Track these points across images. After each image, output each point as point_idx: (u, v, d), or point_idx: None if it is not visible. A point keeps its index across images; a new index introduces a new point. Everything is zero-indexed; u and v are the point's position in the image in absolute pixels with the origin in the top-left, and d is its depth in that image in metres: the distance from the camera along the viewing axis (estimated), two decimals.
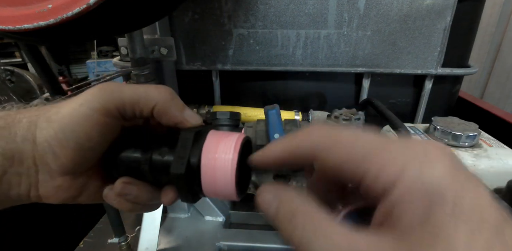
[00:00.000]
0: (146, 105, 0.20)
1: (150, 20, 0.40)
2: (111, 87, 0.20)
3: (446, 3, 0.53)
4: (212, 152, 0.20)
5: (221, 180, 0.19)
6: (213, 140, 0.20)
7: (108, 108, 0.20)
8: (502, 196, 0.37)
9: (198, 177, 0.20)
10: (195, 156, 0.20)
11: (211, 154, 0.20)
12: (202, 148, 0.20)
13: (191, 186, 0.20)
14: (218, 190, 0.20)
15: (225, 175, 0.19)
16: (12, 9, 0.26)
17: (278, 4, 0.55)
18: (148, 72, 0.51)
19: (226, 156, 0.19)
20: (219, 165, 0.19)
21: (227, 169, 0.19)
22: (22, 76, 1.95)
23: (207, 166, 0.20)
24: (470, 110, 0.80)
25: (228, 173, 0.19)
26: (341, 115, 0.48)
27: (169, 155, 0.21)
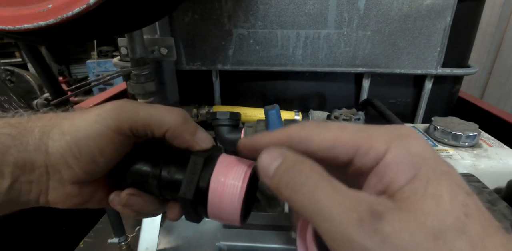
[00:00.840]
0: (158, 128, 0.21)
1: (150, 20, 0.40)
2: (127, 107, 0.21)
3: (446, 3, 0.53)
4: (221, 178, 0.20)
5: (227, 206, 0.20)
6: (223, 166, 0.21)
7: (122, 128, 0.20)
8: (502, 196, 0.37)
9: (205, 201, 0.20)
10: (204, 181, 0.20)
11: (220, 181, 0.20)
12: (212, 173, 0.20)
13: (196, 209, 0.21)
14: (223, 215, 0.20)
15: (232, 202, 0.20)
16: (12, 9, 0.26)
17: (278, 4, 0.55)
18: (148, 72, 0.51)
19: (235, 183, 0.20)
20: (227, 192, 0.20)
21: (234, 197, 0.20)
22: (22, 76, 1.96)
23: (215, 192, 0.20)
24: (470, 110, 0.80)
25: (235, 200, 0.20)
26: (341, 115, 0.48)
27: (178, 174, 0.21)
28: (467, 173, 0.41)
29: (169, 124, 0.21)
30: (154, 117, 0.21)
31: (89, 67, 2.60)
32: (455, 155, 0.46)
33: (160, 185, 0.21)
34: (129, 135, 0.21)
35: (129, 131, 0.21)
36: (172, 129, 0.21)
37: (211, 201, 0.20)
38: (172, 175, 0.21)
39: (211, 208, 0.20)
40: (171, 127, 0.21)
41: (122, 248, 0.59)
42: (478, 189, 0.37)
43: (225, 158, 0.21)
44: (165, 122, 0.21)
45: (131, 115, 0.21)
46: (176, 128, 0.21)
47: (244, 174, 0.20)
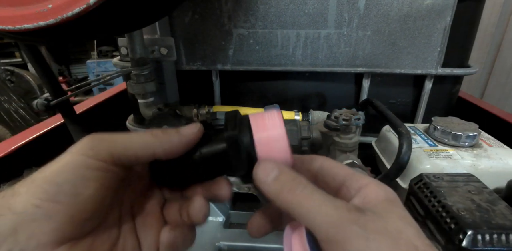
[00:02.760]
0: (144, 150, 0.20)
1: (150, 20, 0.40)
2: (101, 136, 0.19)
3: (446, 3, 0.53)
4: (259, 118, 0.21)
5: (274, 134, 0.20)
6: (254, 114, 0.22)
7: (100, 153, 0.18)
8: (502, 196, 0.37)
9: (251, 136, 0.20)
10: (244, 119, 0.21)
11: (259, 120, 0.21)
12: (248, 117, 0.22)
13: (245, 148, 0.20)
14: (273, 146, 0.20)
15: (276, 128, 0.20)
16: (12, 9, 0.26)
17: (278, 4, 0.55)
18: (148, 72, 0.51)
19: (274, 120, 0.21)
20: (269, 123, 0.21)
21: (276, 124, 0.21)
22: (22, 76, 1.96)
23: (258, 125, 0.21)
24: (470, 110, 0.80)
25: (277, 124, 0.20)
26: (341, 115, 0.48)
27: (216, 144, 0.21)
28: (467, 173, 0.41)
29: (154, 145, 0.19)
30: (136, 139, 0.19)
31: (89, 67, 2.60)
32: (455, 155, 0.46)
33: (204, 159, 0.21)
34: (111, 163, 0.18)
35: (110, 157, 0.18)
36: (160, 151, 0.20)
37: (256, 131, 0.21)
38: (211, 146, 0.21)
39: (259, 140, 0.20)
40: (157, 150, 0.19)
41: None
42: (478, 189, 0.37)
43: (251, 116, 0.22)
44: (150, 144, 0.19)
45: (109, 140, 0.19)
46: (165, 149, 0.20)
47: (277, 113, 0.21)
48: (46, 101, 0.48)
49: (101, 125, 0.79)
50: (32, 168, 0.53)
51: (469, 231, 0.30)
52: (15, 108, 1.73)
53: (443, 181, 0.38)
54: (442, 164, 0.44)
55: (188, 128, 0.21)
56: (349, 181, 0.21)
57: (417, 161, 0.45)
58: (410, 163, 0.43)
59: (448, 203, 0.34)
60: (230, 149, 0.21)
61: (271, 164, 0.20)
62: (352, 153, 0.50)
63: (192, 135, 0.21)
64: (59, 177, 0.17)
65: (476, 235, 0.30)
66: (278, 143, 0.20)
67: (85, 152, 0.18)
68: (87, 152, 0.18)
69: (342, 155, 0.49)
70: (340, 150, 0.49)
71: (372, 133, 0.64)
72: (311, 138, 0.50)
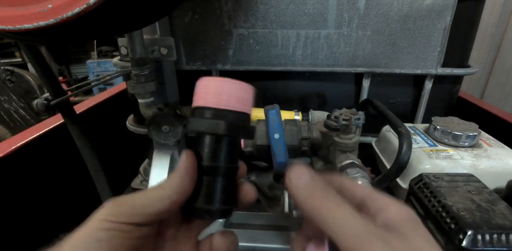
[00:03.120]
0: (161, 202, 0.21)
1: (150, 20, 0.40)
2: (115, 200, 0.21)
3: (446, 3, 0.53)
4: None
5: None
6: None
7: (120, 216, 0.20)
8: (502, 196, 0.37)
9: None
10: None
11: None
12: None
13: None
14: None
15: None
16: (12, 9, 0.26)
17: (278, 4, 0.55)
18: (148, 72, 0.51)
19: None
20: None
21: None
22: (22, 76, 1.95)
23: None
24: (470, 110, 0.80)
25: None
26: (341, 115, 0.48)
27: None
28: (467, 173, 0.41)
29: (168, 193, 0.21)
30: (150, 194, 0.21)
31: (89, 67, 2.60)
32: (455, 155, 0.46)
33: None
34: (131, 223, 0.20)
35: (129, 218, 0.20)
36: (177, 195, 0.21)
37: None
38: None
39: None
40: (162, 209, 0.21)
41: None
42: (478, 189, 0.37)
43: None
44: (164, 194, 0.21)
45: (128, 202, 0.21)
46: (167, 206, 0.21)
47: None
48: (46, 101, 0.48)
49: (101, 125, 0.79)
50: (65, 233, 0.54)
51: (469, 231, 0.30)
52: (15, 108, 1.73)
53: (443, 181, 0.38)
54: (442, 164, 0.44)
55: (181, 162, 0.22)
56: (369, 200, 0.21)
57: (417, 161, 0.45)
58: (410, 163, 0.43)
59: (448, 203, 0.34)
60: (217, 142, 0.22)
61: (304, 168, 0.21)
62: (352, 153, 0.50)
63: (189, 166, 0.22)
64: (77, 241, 0.19)
65: (476, 235, 0.30)
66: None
67: (104, 217, 0.20)
68: (106, 217, 0.20)
69: (342, 155, 0.49)
70: (340, 150, 0.49)
71: (372, 133, 0.64)
72: (311, 138, 0.50)
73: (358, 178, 0.41)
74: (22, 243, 0.59)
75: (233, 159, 0.23)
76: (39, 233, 0.62)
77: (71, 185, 0.70)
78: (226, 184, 0.23)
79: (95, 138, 0.54)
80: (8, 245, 0.56)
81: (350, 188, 0.22)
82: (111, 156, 0.77)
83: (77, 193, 0.71)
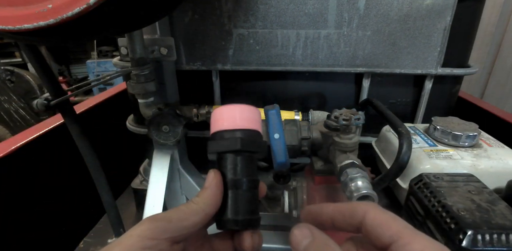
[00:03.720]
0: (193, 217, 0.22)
1: (150, 20, 0.40)
2: (157, 216, 0.22)
3: (446, 3, 0.53)
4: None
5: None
6: None
7: (157, 232, 0.21)
8: (502, 196, 0.37)
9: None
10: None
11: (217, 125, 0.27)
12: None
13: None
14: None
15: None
16: (12, 9, 0.26)
17: (278, 4, 0.55)
18: (148, 72, 0.51)
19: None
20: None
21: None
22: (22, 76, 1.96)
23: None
24: (470, 110, 0.80)
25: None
26: (341, 115, 0.48)
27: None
28: (467, 173, 0.41)
29: (201, 207, 0.23)
30: (183, 209, 0.22)
31: (89, 67, 2.60)
32: (455, 155, 0.46)
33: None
34: (168, 239, 0.21)
35: (166, 234, 0.21)
36: (210, 208, 0.23)
37: None
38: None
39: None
40: (207, 208, 0.23)
41: None
42: (478, 189, 0.37)
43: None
44: (198, 208, 0.23)
45: (164, 218, 0.22)
46: (193, 226, 0.22)
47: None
48: (46, 101, 0.48)
49: (101, 125, 0.79)
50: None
51: (469, 231, 0.30)
52: (15, 108, 1.73)
53: (443, 181, 0.38)
54: (442, 164, 0.44)
55: (208, 179, 0.24)
56: (396, 243, 0.18)
57: (417, 161, 0.45)
58: (410, 163, 0.43)
59: (448, 203, 0.34)
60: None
61: (306, 230, 0.21)
62: (352, 153, 0.50)
63: (218, 182, 0.24)
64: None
65: (476, 235, 0.30)
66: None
67: (143, 233, 0.20)
68: (145, 233, 0.20)
69: (342, 155, 0.49)
70: (340, 150, 0.49)
71: (372, 133, 0.64)
72: (311, 138, 0.50)
73: (358, 178, 0.41)
74: (22, 243, 0.59)
75: (252, 172, 0.25)
76: (39, 233, 0.62)
77: (71, 185, 0.70)
78: (249, 196, 0.25)
79: (95, 138, 0.54)
80: (8, 245, 0.56)
81: (375, 227, 0.20)
82: (111, 156, 0.77)
83: (77, 193, 0.71)
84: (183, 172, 0.64)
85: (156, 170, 0.60)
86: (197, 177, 0.67)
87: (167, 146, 0.61)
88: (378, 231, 0.19)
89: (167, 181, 0.59)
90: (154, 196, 0.58)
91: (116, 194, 0.82)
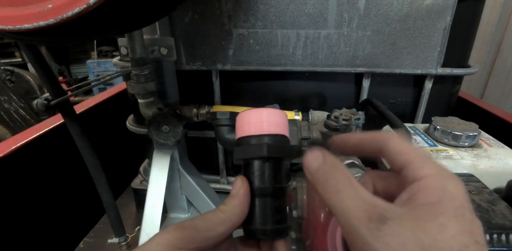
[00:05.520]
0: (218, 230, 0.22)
1: (150, 20, 0.40)
2: (183, 225, 0.22)
3: (446, 3, 0.53)
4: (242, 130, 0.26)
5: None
6: None
7: (186, 241, 0.21)
8: (502, 196, 0.37)
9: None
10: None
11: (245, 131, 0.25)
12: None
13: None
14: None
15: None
16: (12, 9, 0.26)
17: (278, 4, 0.55)
18: (148, 72, 0.51)
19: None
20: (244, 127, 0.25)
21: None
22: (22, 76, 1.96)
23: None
24: (470, 110, 0.80)
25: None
26: (341, 115, 0.48)
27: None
28: (467, 173, 0.41)
29: (229, 217, 0.22)
30: (210, 218, 0.22)
31: (89, 67, 2.60)
32: (455, 155, 0.46)
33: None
34: (196, 248, 0.21)
35: (194, 243, 0.21)
36: (236, 217, 0.22)
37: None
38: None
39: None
40: (233, 217, 0.22)
41: (122, 248, 0.59)
42: (478, 189, 0.37)
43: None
44: (225, 217, 0.22)
45: (191, 227, 0.21)
46: (224, 232, 0.22)
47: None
48: (46, 101, 0.48)
49: (101, 125, 0.79)
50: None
51: None
52: (15, 108, 1.73)
53: None
54: (442, 164, 0.44)
55: (236, 187, 0.24)
56: (406, 168, 0.18)
57: None
58: None
59: None
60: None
61: (318, 152, 0.21)
62: None
63: (245, 190, 0.23)
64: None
65: None
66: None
67: (171, 243, 0.20)
68: (173, 243, 0.20)
69: (342, 155, 0.49)
70: None
71: None
72: (311, 138, 0.50)
73: (357, 178, 0.40)
74: (22, 243, 0.59)
75: (281, 180, 0.25)
76: (39, 233, 0.62)
77: (71, 185, 0.70)
78: (277, 204, 0.24)
79: (95, 138, 0.54)
80: (8, 245, 0.56)
81: (393, 153, 0.20)
82: (111, 156, 0.77)
83: (77, 193, 0.71)
84: (183, 172, 0.64)
85: (156, 170, 0.60)
86: (197, 177, 0.67)
87: (167, 146, 0.61)
88: (395, 157, 0.20)
89: (167, 181, 0.59)
90: (154, 196, 0.58)
91: (116, 194, 0.82)
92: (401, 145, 0.20)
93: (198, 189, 0.65)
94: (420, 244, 0.15)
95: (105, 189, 0.53)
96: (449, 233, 0.15)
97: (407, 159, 0.19)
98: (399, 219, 0.16)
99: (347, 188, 0.18)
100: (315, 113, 0.59)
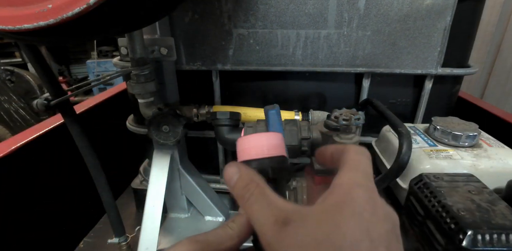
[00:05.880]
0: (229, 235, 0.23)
1: (150, 20, 0.40)
2: (195, 239, 0.22)
3: (446, 3, 0.53)
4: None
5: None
6: None
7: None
8: (502, 196, 0.37)
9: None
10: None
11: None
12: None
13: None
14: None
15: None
16: (12, 9, 0.26)
17: (278, 4, 0.55)
18: (148, 72, 0.51)
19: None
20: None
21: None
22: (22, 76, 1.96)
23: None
24: (470, 110, 0.80)
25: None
26: (341, 115, 0.48)
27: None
28: (467, 173, 0.41)
29: (238, 232, 0.23)
30: (220, 233, 0.23)
31: (89, 67, 2.60)
32: (455, 155, 0.46)
33: None
34: None
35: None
36: (247, 229, 0.23)
37: None
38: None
39: None
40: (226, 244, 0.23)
41: (122, 248, 0.59)
42: (478, 189, 0.37)
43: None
44: (234, 233, 0.23)
45: (202, 241, 0.22)
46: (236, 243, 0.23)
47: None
48: (46, 101, 0.48)
49: (101, 125, 0.79)
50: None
51: (469, 231, 0.30)
52: (15, 108, 1.73)
53: (443, 181, 0.38)
54: (442, 164, 0.44)
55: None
56: (336, 175, 0.21)
57: (417, 161, 0.45)
58: (410, 163, 0.43)
59: (448, 203, 0.34)
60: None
61: (234, 166, 0.23)
62: None
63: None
64: None
65: (476, 235, 0.30)
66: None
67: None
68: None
69: None
70: None
71: (372, 133, 0.64)
72: (311, 138, 0.50)
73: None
74: (22, 243, 0.59)
75: (283, 197, 0.27)
76: (39, 233, 0.62)
77: (71, 185, 0.70)
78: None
79: (95, 138, 0.54)
80: (8, 245, 0.56)
81: (342, 162, 0.23)
82: (111, 156, 0.77)
83: (77, 193, 0.71)
84: (183, 172, 0.64)
85: (156, 170, 0.60)
86: (197, 177, 0.67)
87: (167, 146, 0.61)
88: (340, 167, 0.22)
89: (167, 181, 0.59)
90: (154, 196, 0.58)
91: (116, 194, 0.82)
92: (349, 156, 0.22)
93: (198, 189, 0.65)
94: (314, 240, 0.16)
95: (105, 189, 0.53)
96: (341, 231, 0.16)
97: (341, 168, 0.22)
98: (302, 220, 0.18)
99: (259, 199, 0.20)
100: (315, 113, 0.59)
